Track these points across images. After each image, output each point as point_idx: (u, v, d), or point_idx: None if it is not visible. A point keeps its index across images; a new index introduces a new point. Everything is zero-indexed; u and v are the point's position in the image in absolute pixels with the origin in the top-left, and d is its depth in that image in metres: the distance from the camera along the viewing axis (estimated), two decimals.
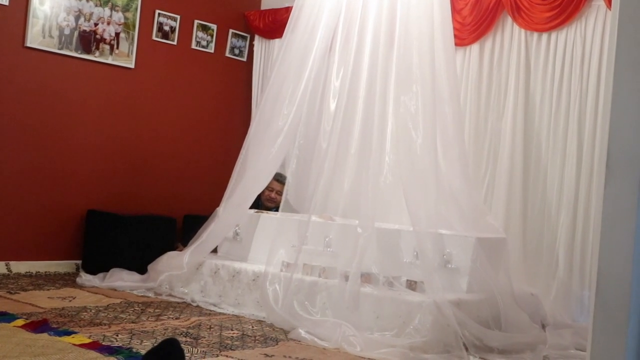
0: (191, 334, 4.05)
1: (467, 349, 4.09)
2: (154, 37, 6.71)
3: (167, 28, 6.80)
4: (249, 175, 5.51)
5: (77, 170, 6.23)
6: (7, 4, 5.74)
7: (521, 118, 5.58)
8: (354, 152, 5.37)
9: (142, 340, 3.77)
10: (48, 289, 5.15)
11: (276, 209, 5.73)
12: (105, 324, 4.10)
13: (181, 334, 4.04)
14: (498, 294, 4.54)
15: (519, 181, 5.53)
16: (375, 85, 5.16)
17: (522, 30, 5.64)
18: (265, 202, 6.10)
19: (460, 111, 5.30)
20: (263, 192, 5.93)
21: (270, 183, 5.88)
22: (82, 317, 4.26)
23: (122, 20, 6.42)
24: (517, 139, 5.57)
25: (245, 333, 4.23)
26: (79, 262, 6.19)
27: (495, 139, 5.72)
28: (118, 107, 6.49)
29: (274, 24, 7.14)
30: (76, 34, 6.12)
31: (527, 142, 5.57)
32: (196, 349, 3.70)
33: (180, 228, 6.60)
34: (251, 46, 7.47)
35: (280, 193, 5.85)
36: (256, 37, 7.42)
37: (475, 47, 5.90)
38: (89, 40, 6.21)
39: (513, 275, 4.95)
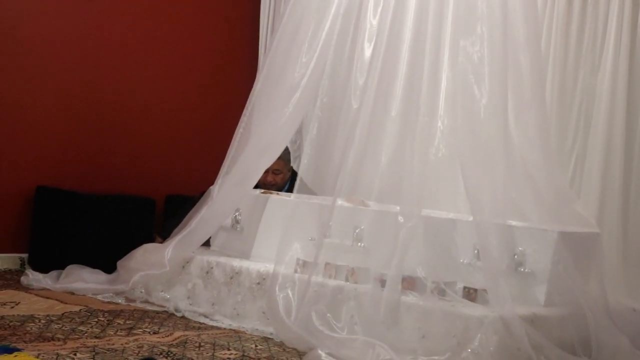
0: (174, 354, 4.07)
1: None
2: None
3: None
4: (254, 144, 5.52)
5: (23, 134, 6.26)
6: None
7: (624, 72, 5.52)
8: (395, 114, 5.36)
9: None
10: None
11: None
12: (59, 339, 4.12)
13: (161, 353, 4.06)
14: (587, 309, 4.53)
15: (618, 157, 5.50)
16: (426, 24, 5.12)
17: None
18: (262, 187, 5.99)
19: (541, 61, 5.25)
20: None
21: None
22: (29, 329, 4.29)
23: None
24: (617, 101, 5.52)
25: (246, 354, 4.25)
26: (25, 256, 6.25)
27: (588, 99, 5.69)
28: (79, 49, 6.49)
29: None
30: None
31: (632, 104, 5.52)
32: None
33: (161, 212, 6.64)
34: None
35: (278, 172, 5.84)
36: None
37: None
38: None
39: (609, 284, 4.94)
